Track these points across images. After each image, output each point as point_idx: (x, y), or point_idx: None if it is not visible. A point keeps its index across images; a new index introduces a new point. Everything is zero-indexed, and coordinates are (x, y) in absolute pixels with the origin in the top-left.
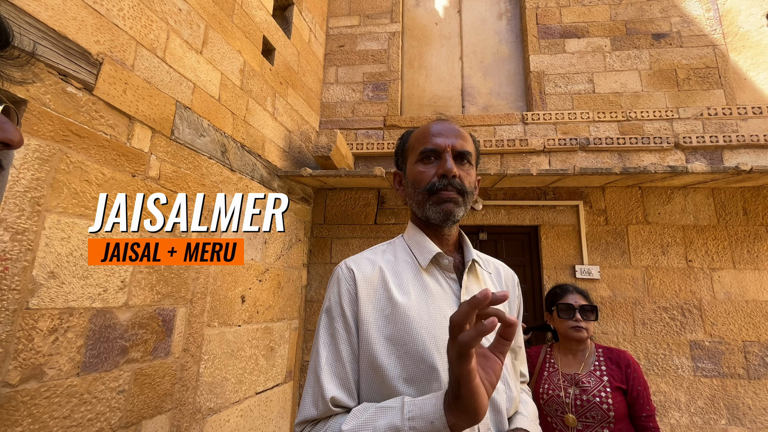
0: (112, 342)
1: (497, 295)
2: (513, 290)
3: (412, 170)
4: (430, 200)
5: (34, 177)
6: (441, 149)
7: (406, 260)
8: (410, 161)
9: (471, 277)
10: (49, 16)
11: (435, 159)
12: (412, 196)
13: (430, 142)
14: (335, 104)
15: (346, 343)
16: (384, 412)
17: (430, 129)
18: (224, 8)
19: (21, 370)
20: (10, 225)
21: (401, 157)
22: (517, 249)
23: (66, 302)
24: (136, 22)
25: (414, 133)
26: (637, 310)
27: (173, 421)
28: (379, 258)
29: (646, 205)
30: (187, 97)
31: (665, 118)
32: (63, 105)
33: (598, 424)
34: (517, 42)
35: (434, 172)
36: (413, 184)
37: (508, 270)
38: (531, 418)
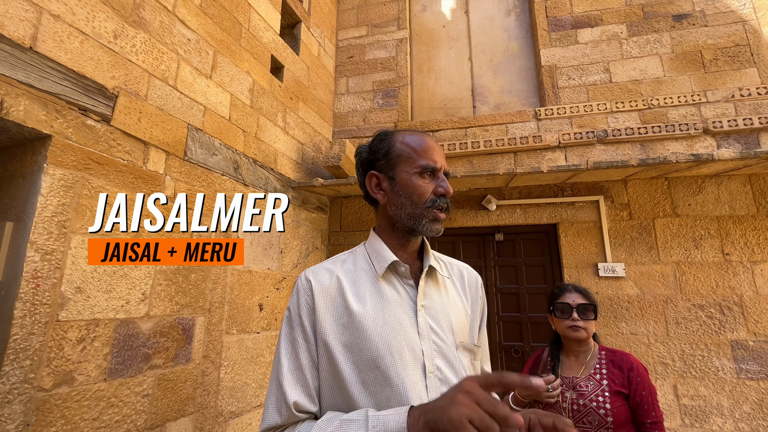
0: (135, 350)
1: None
2: (476, 291)
3: (410, 181)
4: (427, 217)
5: (60, 203)
6: (438, 168)
7: (365, 269)
8: (404, 170)
9: (430, 282)
10: (68, 59)
11: (430, 176)
12: (405, 207)
13: (430, 158)
14: (347, 114)
15: (305, 351)
16: (348, 425)
17: (426, 143)
18: (231, 33)
19: (53, 376)
20: (40, 246)
21: (384, 160)
22: (536, 249)
23: (92, 314)
24: (148, 56)
25: (405, 141)
26: (669, 308)
27: (196, 423)
28: (338, 267)
29: (674, 197)
30: (199, 120)
31: (691, 103)
32: (84, 137)
33: (595, 429)
34: (527, 37)
35: (431, 189)
36: (409, 196)
37: (471, 272)
38: None
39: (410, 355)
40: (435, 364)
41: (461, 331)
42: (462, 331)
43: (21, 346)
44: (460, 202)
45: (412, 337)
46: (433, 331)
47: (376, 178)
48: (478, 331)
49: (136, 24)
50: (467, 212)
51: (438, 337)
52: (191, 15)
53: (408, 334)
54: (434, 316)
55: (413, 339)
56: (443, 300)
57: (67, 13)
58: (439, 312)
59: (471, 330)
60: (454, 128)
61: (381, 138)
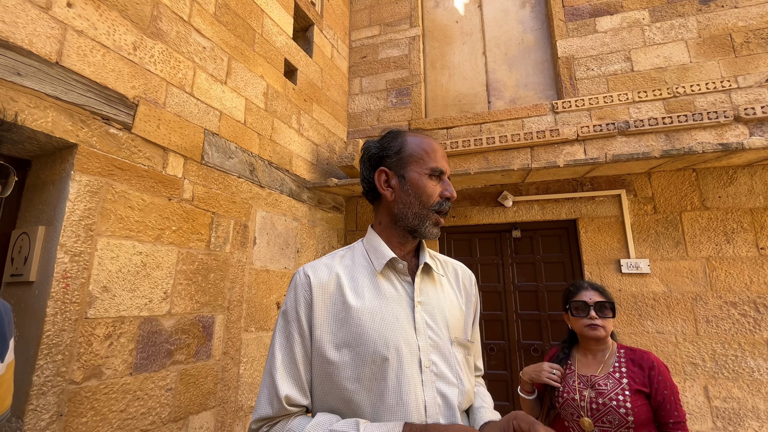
0: (158, 346)
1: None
2: (470, 289)
3: (420, 182)
4: (432, 219)
5: (86, 207)
6: (445, 172)
7: (363, 265)
8: (415, 170)
9: (426, 279)
10: (91, 72)
11: (438, 179)
12: (412, 205)
13: (440, 162)
14: (361, 114)
15: (300, 346)
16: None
17: (437, 147)
18: (245, 39)
19: (83, 370)
20: (69, 249)
21: (395, 158)
22: (554, 245)
23: (118, 312)
24: (166, 65)
25: (416, 142)
26: (699, 306)
27: (217, 417)
28: (336, 263)
29: (702, 189)
30: (215, 125)
31: (721, 89)
32: (107, 144)
33: (615, 429)
34: (542, 29)
35: (438, 192)
36: (419, 196)
37: (465, 270)
38: (491, 409)
39: (407, 350)
40: (431, 359)
41: (455, 326)
42: (456, 327)
43: (53, 341)
44: (476, 199)
45: (409, 333)
46: (429, 326)
47: (386, 174)
48: (471, 328)
49: (154, 35)
50: (483, 209)
51: (433, 332)
52: (206, 24)
53: (405, 330)
54: (430, 312)
55: (410, 334)
56: (439, 296)
57: (89, 28)
58: (435, 308)
59: (465, 326)
60: (468, 124)
61: (393, 136)
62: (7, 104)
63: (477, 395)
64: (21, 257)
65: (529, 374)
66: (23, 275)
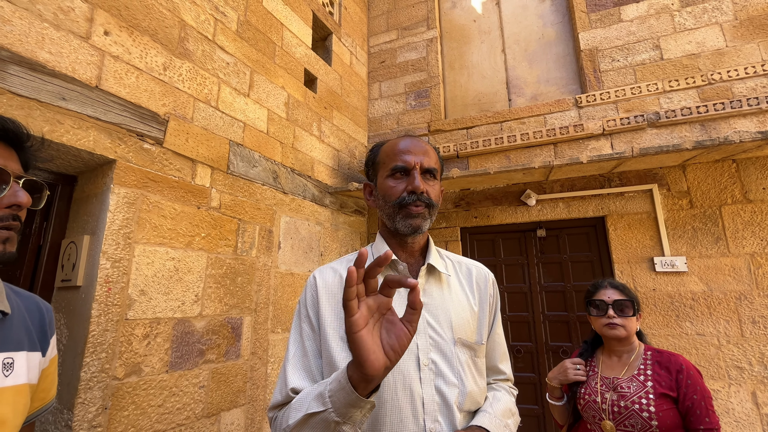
0: (191, 345)
1: (380, 258)
2: (485, 289)
3: (383, 184)
4: (400, 214)
5: (124, 217)
6: (410, 166)
7: None
8: (381, 175)
9: (431, 280)
10: (127, 93)
11: (404, 175)
12: (383, 208)
13: (399, 159)
14: (381, 118)
15: (311, 340)
16: (317, 386)
17: (398, 146)
18: (266, 53)
19: (124, 367)
20: (110, 256)
21: (372, 170)
22: (582, 244)
23: (154, 314)
24: (193, 82)
25: (384, 148)
26: (743, 306)
27: (247, 414)
28: (342, 267)
29: (744, 181)
30: (239, 136)
31: (762, 73)
32: (141, 159)
33: None
34: (564, 22)
35: (403, 188)
36: (384, 198)
37: (481, 270)
38: (496, 415)
39: None
40: (430, 358)
41: (462, 327)
42: (463, 328)
43: (98, 340)
44: (498, 199)
45: None
46: (430, 326)
47: (369, 187)
48: (488, 329)
49: (182, 55)
50: (506, 208)
51: (435, 332)
52: (229, 41)
53: None
54: (432, 313)
55: None
56: (444, 297)
57: (124, 53)
58: (439, 309)
59: (479, 327)
60: (488, 123)
61: (373, 150)
62: (55, 126)
63: (487, 399)
64: (70, 264)
65: (555, 377)
66: (72, 280)
